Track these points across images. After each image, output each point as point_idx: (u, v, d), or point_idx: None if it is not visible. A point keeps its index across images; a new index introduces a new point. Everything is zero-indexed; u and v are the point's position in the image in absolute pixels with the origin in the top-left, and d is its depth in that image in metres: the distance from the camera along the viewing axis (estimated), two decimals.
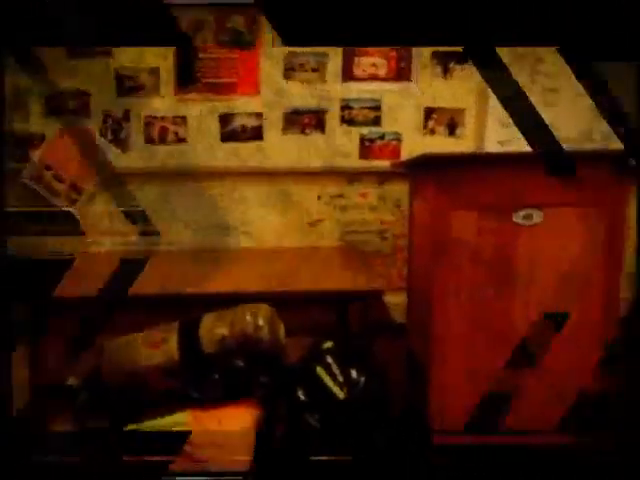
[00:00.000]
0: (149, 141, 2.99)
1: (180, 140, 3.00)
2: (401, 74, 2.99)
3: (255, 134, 3.01)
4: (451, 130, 2.94)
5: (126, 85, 2.96)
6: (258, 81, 2.98)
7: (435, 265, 2.32)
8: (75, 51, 2.91)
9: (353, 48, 2.95)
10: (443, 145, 2.94)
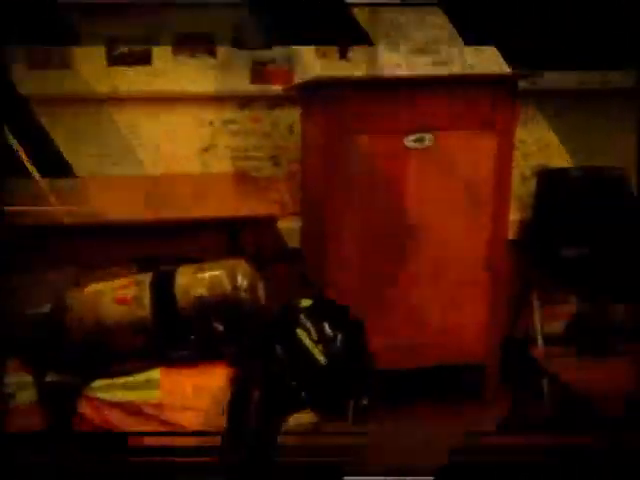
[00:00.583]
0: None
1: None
2: None
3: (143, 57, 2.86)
4: (342, 54, 2.89)
5: None
6: None
7: (327, 189, 2.33)
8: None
9: None
10: (335, 69, 2.90)
